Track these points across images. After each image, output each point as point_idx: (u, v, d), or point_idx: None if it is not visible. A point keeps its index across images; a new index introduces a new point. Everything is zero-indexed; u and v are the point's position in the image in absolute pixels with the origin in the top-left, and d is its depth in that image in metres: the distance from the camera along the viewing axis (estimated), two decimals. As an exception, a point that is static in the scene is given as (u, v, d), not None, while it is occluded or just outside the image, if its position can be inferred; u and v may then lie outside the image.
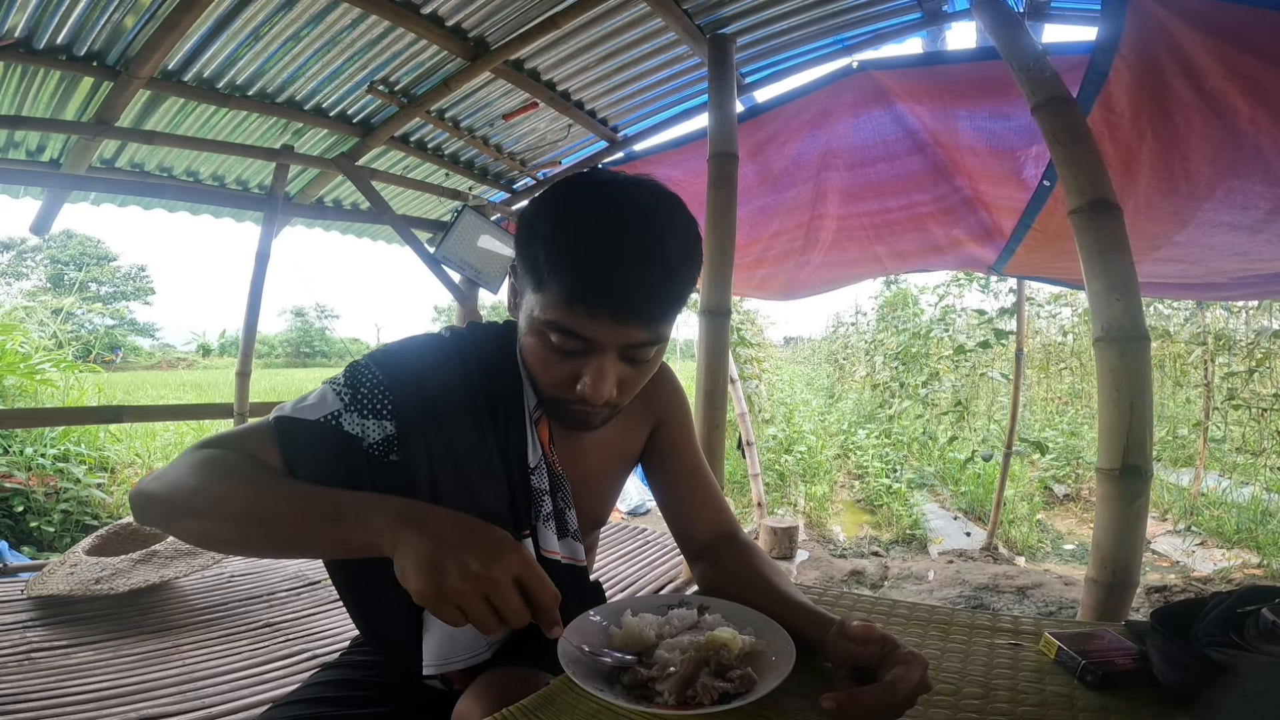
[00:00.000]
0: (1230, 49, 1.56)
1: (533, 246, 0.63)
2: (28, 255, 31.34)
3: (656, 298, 0.62)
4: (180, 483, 0.61)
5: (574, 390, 0.66)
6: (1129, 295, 1.35)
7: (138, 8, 1.88)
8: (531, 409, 0.76)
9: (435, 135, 2.97)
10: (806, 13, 2.22)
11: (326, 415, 0.67)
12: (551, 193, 0.66)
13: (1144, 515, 1.34)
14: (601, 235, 0.60)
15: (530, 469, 0.75)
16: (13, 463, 3.78)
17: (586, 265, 0.59)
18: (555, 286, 0.60)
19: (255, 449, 0.65)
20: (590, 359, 0.64)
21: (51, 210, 2.74)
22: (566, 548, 0.77)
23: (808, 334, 19.74)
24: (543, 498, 0.75)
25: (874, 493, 5.29)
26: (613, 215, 0.61)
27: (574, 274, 0.59)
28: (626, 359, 0.65)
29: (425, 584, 0.51)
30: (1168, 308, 5.47)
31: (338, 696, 0.77)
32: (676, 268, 0.63)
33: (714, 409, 2.08)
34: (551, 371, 0.66)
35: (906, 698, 0.52)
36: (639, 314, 0.61)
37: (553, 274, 0.60)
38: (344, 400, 0.69)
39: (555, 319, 0.62)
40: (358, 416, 0.68)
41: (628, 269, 0.60)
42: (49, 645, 1.78)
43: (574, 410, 0.69)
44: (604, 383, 0.64)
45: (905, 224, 2.83)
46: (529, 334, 0.67)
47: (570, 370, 0.65)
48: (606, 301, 0.60)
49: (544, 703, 0.58)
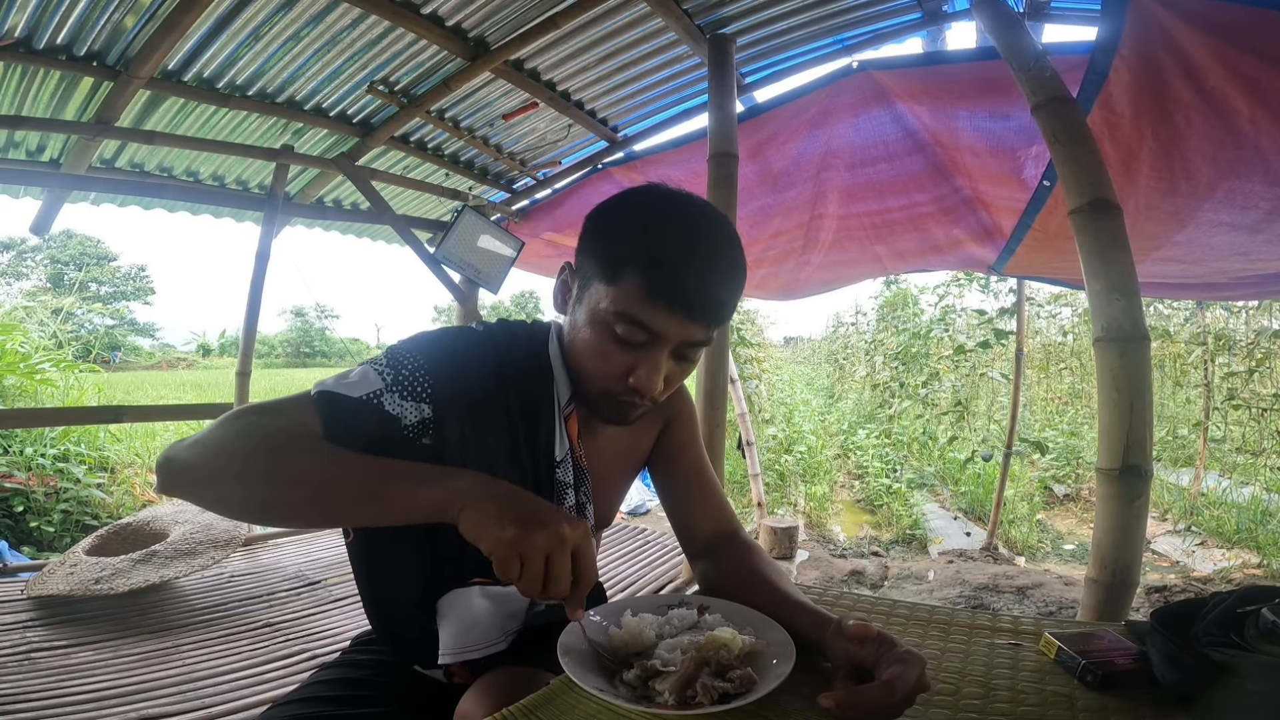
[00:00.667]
0: (1230, 49, 1.56)
1: (614, 241, 0.68)
2: (28, 255, 31.35)
3: (722, 303, 0.68)
4: (227, 446, 0.61)
5: (624, 382, 0.70)
6: (1129, 295, 1.35)
7: (138, 8, 1.88)
8: (562, 404, 0.78)
9: (435, 135, 2.97)
10: (806, 13, 2.22)
11: (369, 394, 0.68)
12: (631, 197, 0.72)
13: (1144, 515, 1.34)
14: (690, 240, 0.67)
15: (556, 462, 0.77)
16: (13, 463, 3.78)
17: (673, 264, 0.65)
18: (637, 279, 0.65)
19: (300, 418, 0.65)
20: (649, 353, 0.68)
21: (51, 210, 2.74)
22: None
23: (808, 334, 19.74)
24: (566, 491, 0.78)
25: (874, 493, 5.29)
26: (699, 225, 0.68)
27: (660, 269, 0.65)
28: (677, 356, 0.71)
29: (501, 531, 0.54)
30: (1168, 308, 5.47)
31: (337, 696, 0.77)
32: (738, 279, 0.70)
33: (714, 409, 2.08)
34: (609, 363, 0.70)
35: (905, 697, 0.52)
36: (705, 314, 0.67)
37: (637, 268, 0.65)
38: (385, 380, 0.70)
39: (628, 310, 0.66)
40: (398, 398, 0.70)
41: (707, 273, 0.66)
42: (49, 645, 1.78)
43: (619, 403, 0.72)
44: (658, 375, 0.69)
45: (905, 224, 2.83)
46: (589, 326, 0.70)
47: (626, 362, 0.69)
48: (683, 299, 0.65)
49: (544, 703, 0.58)
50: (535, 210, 3.59)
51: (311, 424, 0.65)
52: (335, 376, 0.71)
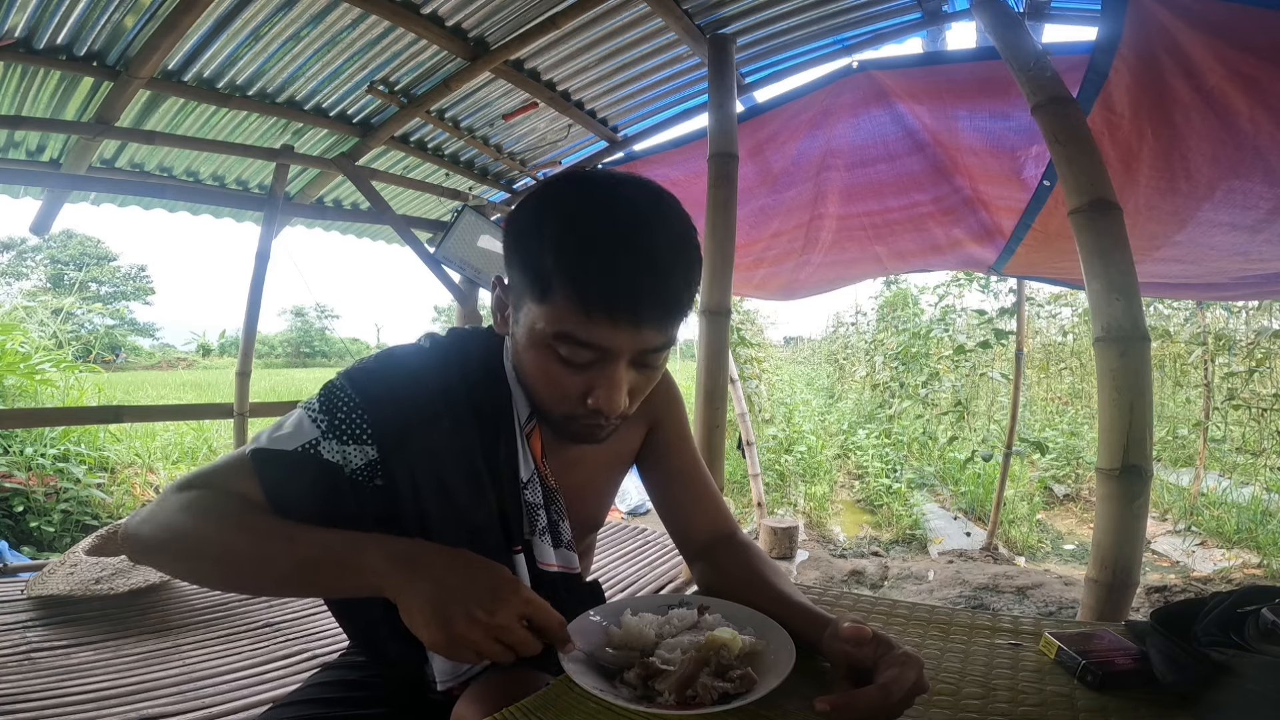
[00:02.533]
0: (1230, 49, 1.56)
1: (534, 255, 0.59)
2: (28, 255, 31.36)
3: (672, 301, 0.60)
4: (168, 525, 0.61)
5: (584, 404, 0.63)
6: (1129, 295, 1.35)
7: (138, 8, 1.88)
8: (523, 421, 0.74)
9: (435, 135, 2.97)
10: (806, 13, 2.22)
11: (304, 445, 0.65)
12: (546, 196, 0.62)
13: (1144, 515, 1.34)
14: (616, 240, 0.57)
15: (523, 484, 0.73)
16: (13, 463, 3.78)
17: (603, 273, 0.56)
18: (568, 296, 0.57)
19: (235, 485, 0.64)
20: (603, 369, 0.61)
21: (51, 210, 2.74)
22: (560, 558, 0.76)
23: (808, 334, 19.76)
24: (537, 512, 0.74)
25: (874, 493, 5.29)
26: (622, 219, 0.59)
27: (590, 282, 0.56)
28: (638, 365, 0.63)
29: (435, 635, 0.53)
30: (1168, 308, 5.46)
31: (338, 697, 0.77)
32: (687, 269, 0.61)
33: (714, 409, 2.08)
34: (559, 387, 0.63)
35: (901, 699, 0.52)
36: (655, 318, 0.59)
37: (565, 283, 0.57)
38: (320, 427, 0.66)
39: (567, 330, 0.58)
40: (336, 443, 0.66)
41: (644, 275, 0.57)
42: (49, 645, 1.78)
43: (584, 425, 0.66)
44: (619, 393, 0.61)
45: (905, 224, 2.83)
46: (530, 349, 0.62)
47: (580, 383, 0.62)
48: (627, 307, 0.57)
49: (544, 703, 0.58)
50: (535, 210, 3.59)
51: (249, 488, 0.63)
52: (269, 428, 0.67)
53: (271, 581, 0.62)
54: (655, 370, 0.66)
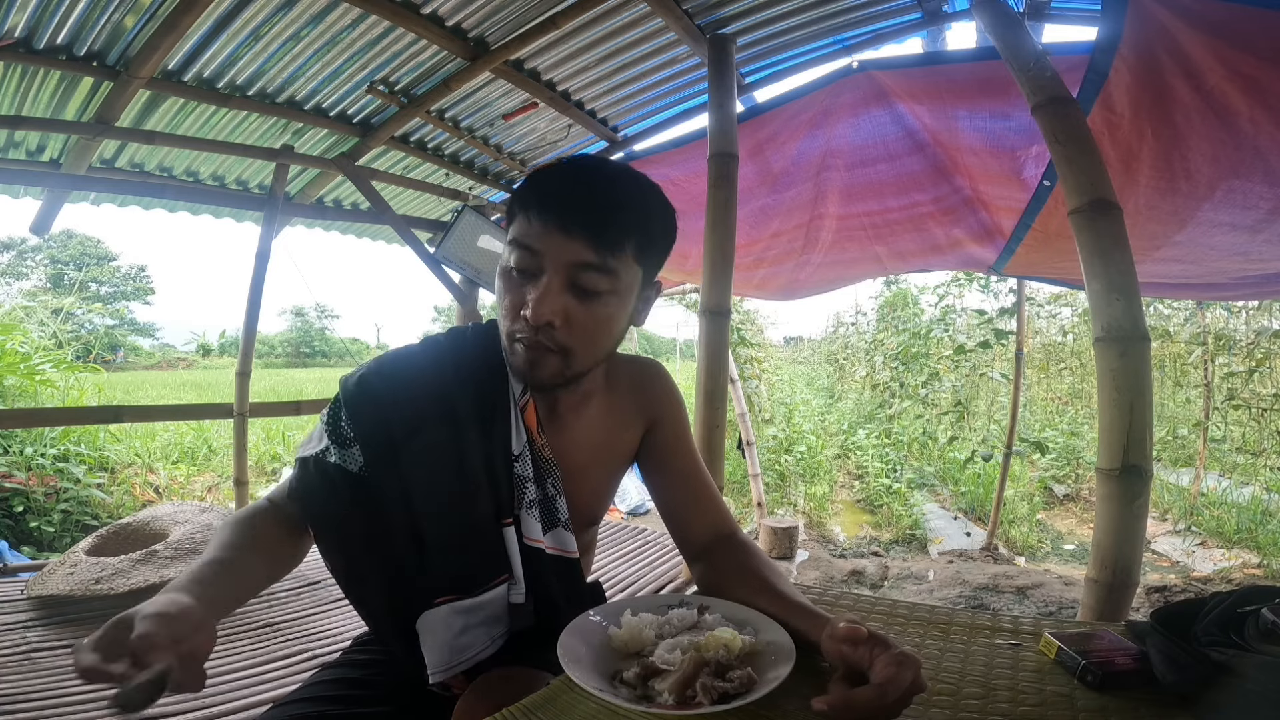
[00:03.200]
0: (1230, 49, 1.56)
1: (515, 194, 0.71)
2: (28, 255, 31.37)
3: (602, 216, 0.67)
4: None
5: (519, 320, 0.69)
6: (1129, 295, 1.35)
7: (138, 8, 1.88)
8: (517, 396, 0.77)
9: (435, 135, 2.97)
10: (806, 13, 2.22)
11: (318, 451, 0.74)
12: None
13: (1144, 515, 1.34)
14: (572, 168, 0.70)
15: (514, 456, 0.76)
16: (13, 463, 3.78)
17: (550, 185, 0.68)
18: (520, 207, 0.69)
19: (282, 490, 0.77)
20: (537, 279, 0.68)
21: (51, 210, 2.74)
22: (555, 539, 0.77)
23: (808, 334, 19.78)
24: (526, 485, 0.76)
25: (874, 493, 5.29)
26: (586, 160, 0.71)
27: (538, 191, 0.68)
28: (574, 289, 0.68)
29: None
30: (1168, 308, 5.47)
31: (339, 695, 0.77)
32: (626, 201, 0.69)
33: (714, 409, 2.08)
34: (506, 300, 0.70)
35: (898, 699, 0.52)
36: (581, 227, 0.66)
37: (521, 199, 0.69)
38: (328, 434, 0.74)
39: (514, 237, 0.69)
40: (337, 448, 0.74)
41: (576, 185, 0.68)
42: (49, 645, 1.77)
43: (523, 346, 0.70)
44: (545, 302, 0.66)
45: (905, 224, 2.82)
46: (499, 278, 0.72)
47: (519, 296, 0.69)
48: (556, 208, 0.66)
49: (544, 703, 0.58)
50: (535, 210, 3.59)
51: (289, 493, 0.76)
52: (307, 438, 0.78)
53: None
54: (594, 299, 0.69)
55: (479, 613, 0.73)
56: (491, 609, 0.74)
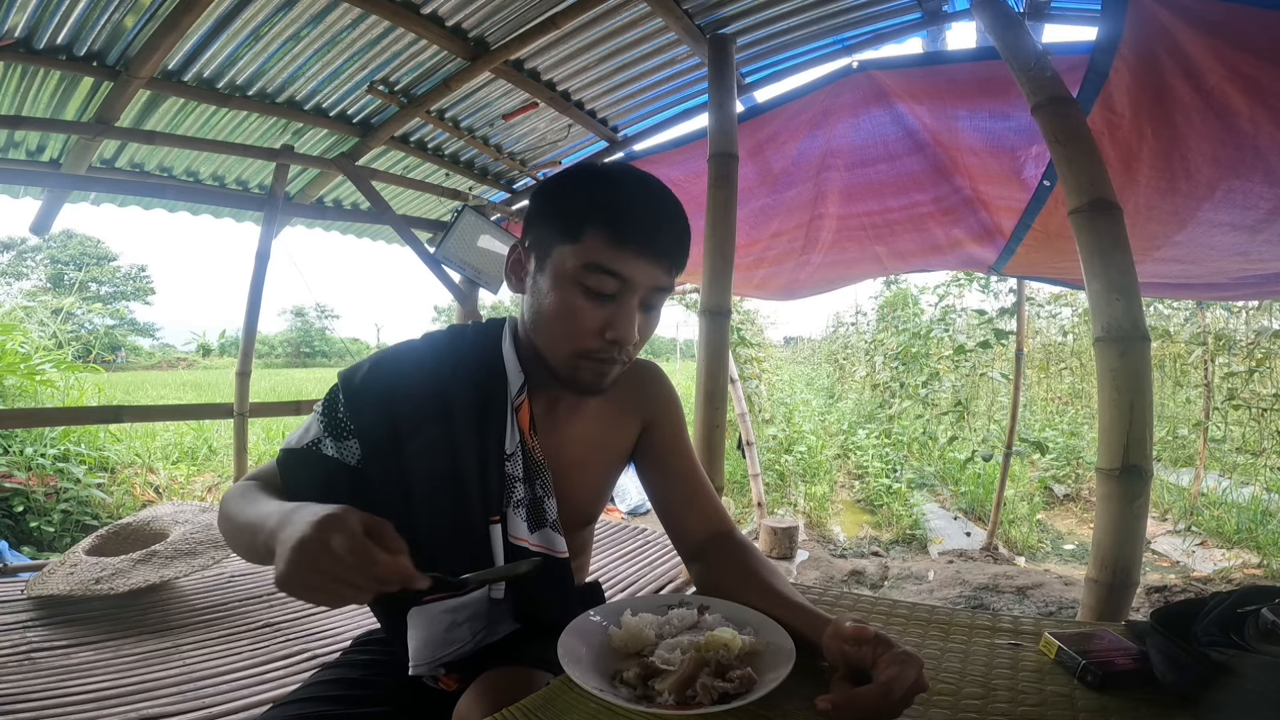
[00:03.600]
0: (1230, 49, 1.56)
1: (568, 205, 0.70)
2: (28, 255, 31.38)
3: (679, 246, 0.72)
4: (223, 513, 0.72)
5: (599, 338, 0.70)
6: (1129, 295, 1.35)
7: (138, 8, 1.88)
8: (513, 395, 0.78)
9: (435, 135, 2.97)
10: (806, 13, 2.22)
11: (310, 442, 0.74)
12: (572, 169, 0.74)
13: (1144, 515, 1.34)
14: (641, 189, 0.71)
15: (506, 455, 0.76)
16: (13, 463, 3.78)
17: (632, 209, 0.69)
18: (601, 229, 0.67)
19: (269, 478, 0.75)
20: (621, 301, 0.70)
21: (51, 210, 2.74)
22: (542, 538, 0.77)
23: (808, 334, 19.79)
24: (515, 485, 0.77)
25: (874, 493, 5.29)
26: (645, 179, 0.72)
27: (622, 214, 0.68)
28: (644, 306, 0.72)
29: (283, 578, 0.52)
30: (1168, 308, 5.47)
31: (339, 695, 0.77)
32: (687, 228, 0.74)
33: (714, 409, 2.08)
34: (581, 320, 0.70)
35: (901, 699, 0.52)
36: (668, 257, 0.70)
37: (598, 219, 0.68)
38: (323, 426, 0.75)
39: (596, 259, 0.68)
40: (333, 441, 0.74)
41: (662, 219, 0.70)
42: (49, 645, 1.78)
43: (596, 362, 0.72)
44: (632, 323, 0.70)
45: (905, 224, 2.82)
46: (556, 289, 0.70)
47: (599, 317, 0.70)
48: (648, 240, 0.68)
49: (544, 703, 0.58)
50: (535, 210, 3.59)
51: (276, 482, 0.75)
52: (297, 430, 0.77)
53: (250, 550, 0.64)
54: (656, 314, 0.75)
55: (465, 610, 0.75)
56: (476, 606, 0.76)
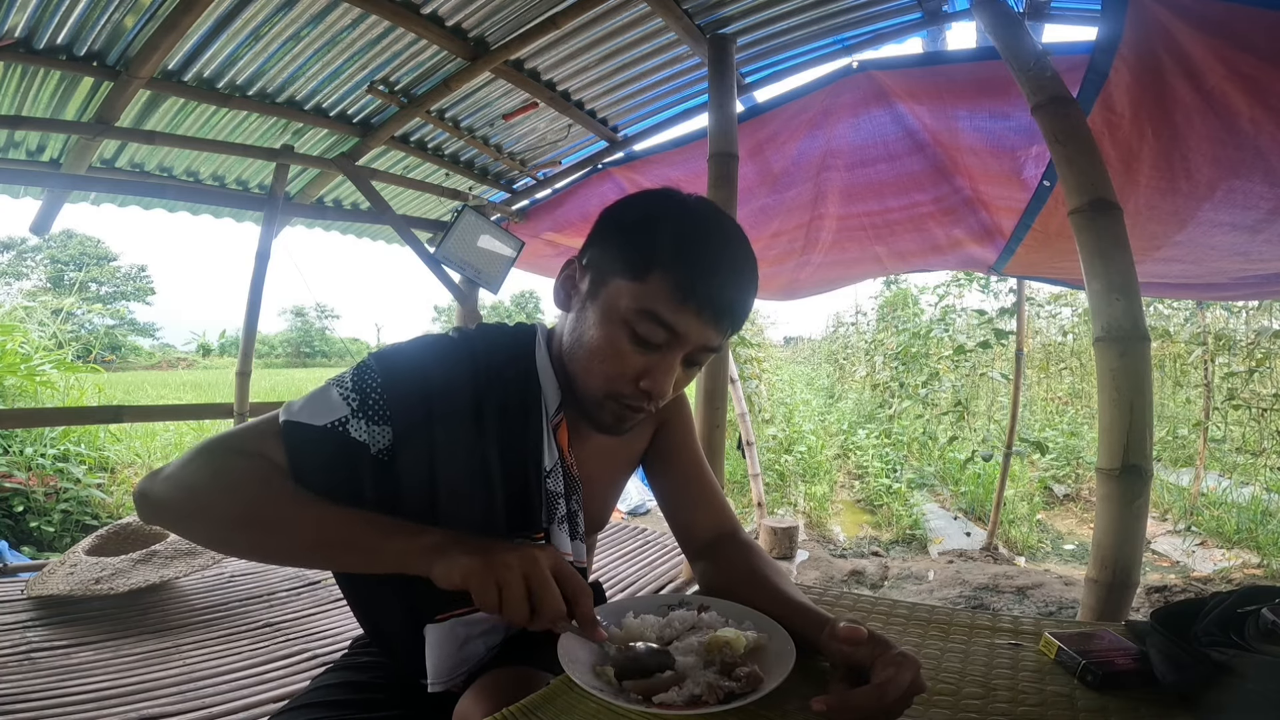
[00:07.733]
0: (1230, 49, 1.56)
1: (639, 238, 0.67)
2: (28, 255, 31.37)
3: (743, 313, 0.69)
4: (200, 487, 0.62)
5: (633, 385, 0.68)
6: (1129, 295, 1.35)
7: (138, 8, 1.88)
8: (551, 412, 0.75)
9: (435, 135, 2.97)
10: (806, 13, 2.22)
11: (334, 421, 0.66)
12: (652, 195, 0.71)
13: (1144, 515, 1.34)
14: (721, 247, 0.67)
15: (546, 472, 0.74)
16: (13, 463, 3.78)
17: (706, 268, 0.65)
18: (667, 279, 0.64)
19: (267, 453, 0.64)
20: (665, 355, 0.67)
21: (51, 210, 2.74)
22: (576, 550, 0.77)
23: (808, 334, 19.77)
24: (558, 501, 0.75)
25: (874, 493, 5.29)
26: (729, 234, 0.69)
27: (693, 272, 0.64)
28: (687, 361, 0.70)
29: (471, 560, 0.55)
30: (1168, 308, 5.47)
31: (345, 700, 0.77)
32: (755, 292, 0.71)
33: (714, 409, 2.08)
34: (621, 364, 0.67)
35: (898, 700, 0.52)
36: (727, 321, 0.67)
37: (670, 267, 0.64)
38: (351, 405, 0.67)
39: (654, 309, 0.64)
40: (365, 423, 0.67)
41: (734, 282, 0.67)
42: (49, 645, 1.78)
43: (622, 407, 0.70)
44: (670, 378, 0.68)
45: (905, 224, 2.83)
46: (603, 324, 0.68)
47: (639, 364, 0.67)
48: (712, 303, 0.65)
49: (544, 703, 0.58)
50: (535, 210, 3.59)
51: (277, 458, 0.64)
52: (302, 401, 0.68)
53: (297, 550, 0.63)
54: (698, 369, 0.73)
55: (480, 624, 0.73)
56: (490, 620, 0.74)
